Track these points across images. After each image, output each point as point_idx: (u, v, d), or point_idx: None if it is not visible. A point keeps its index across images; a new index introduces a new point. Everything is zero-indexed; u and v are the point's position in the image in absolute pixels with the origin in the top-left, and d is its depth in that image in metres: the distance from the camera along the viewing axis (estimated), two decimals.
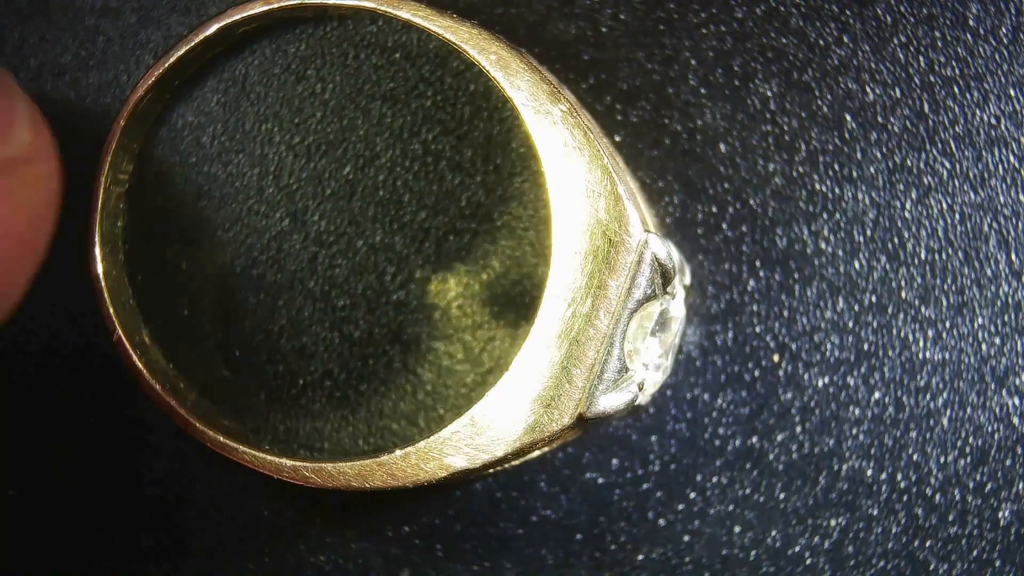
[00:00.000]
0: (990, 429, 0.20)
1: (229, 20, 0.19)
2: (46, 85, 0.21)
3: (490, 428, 0.17)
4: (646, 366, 0.17)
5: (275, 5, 0.19)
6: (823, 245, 0.20)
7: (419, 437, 0.17)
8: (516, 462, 0.18)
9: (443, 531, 0.21)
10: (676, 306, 0.18)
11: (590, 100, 0.20)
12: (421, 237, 0.20)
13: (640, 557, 0.20)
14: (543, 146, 0.17)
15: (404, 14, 0.18)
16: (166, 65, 0.19)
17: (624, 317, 0.17)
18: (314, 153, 0.20)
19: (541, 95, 0.17)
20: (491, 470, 0.17)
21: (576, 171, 0.17)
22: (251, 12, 0.19)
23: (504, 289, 0.20)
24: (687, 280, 0.19)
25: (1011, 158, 0.20)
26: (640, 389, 0.17)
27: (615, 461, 0.20)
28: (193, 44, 0.19)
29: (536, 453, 0.18)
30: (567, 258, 0.17)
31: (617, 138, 0.20)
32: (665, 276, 0.17)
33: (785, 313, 0.20)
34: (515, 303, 0.20)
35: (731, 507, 0.20)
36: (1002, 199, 0.20)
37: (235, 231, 0.21)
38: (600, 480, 0.21)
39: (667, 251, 0.17)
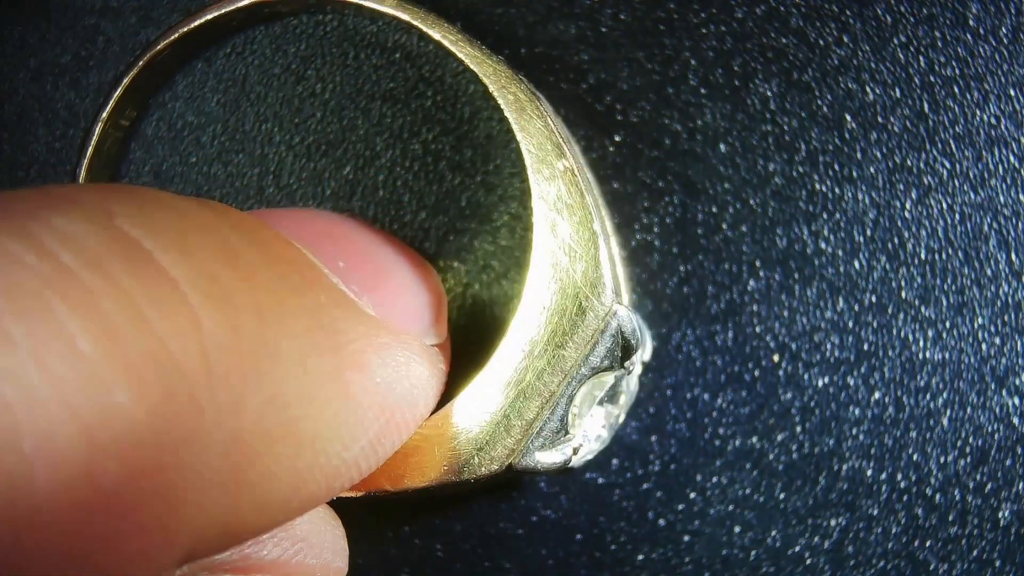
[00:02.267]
0: (990, 429, 0.20)
1: None
2: (46, 85, 0.21)
3: (413, 458, 0.17)
4: (586, 433, 0.18)
5: None
6: (823, 245, 0.20)
7: None
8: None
9: (443, 531, 0.21)
10: (631, 381, 0.18)
11: (590, 100, 0.20)
12: (421, 237, 0.20)
13: (640, 557, 0.20)
14: (537, 198, 0.17)
15: (436, 35, 0.18)
16: (194, 24, 0.19)
17: (576, 381, 0.17)
18: (314, 153, 0.20)
19: (547, 145, 0.17)
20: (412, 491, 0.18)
21: (563, 230, 0.17)
22: None
23: (487, 298, 0.20)
24: (647, 356, 0.20)
25: (1011, 158, 0.20)
26: (574, 453, 0.18)
27: (615, 461, 0.20)
28: (227, 11, 0.19)
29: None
30: (533, 311, 0.17)
31: (617, 138, 0.20)
32: (626, 350, 0.17)
33: (785, 313, 0.20)
34: (488, 320, 0.20)
35: (731, 507, 0.20)
36: (1002, 199, 0.20)
37: None
38: (600, 480, 0.21)
39: (633, 326, 0.17)
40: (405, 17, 0.18)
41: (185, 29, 0.19)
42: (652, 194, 0.20)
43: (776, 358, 0.20)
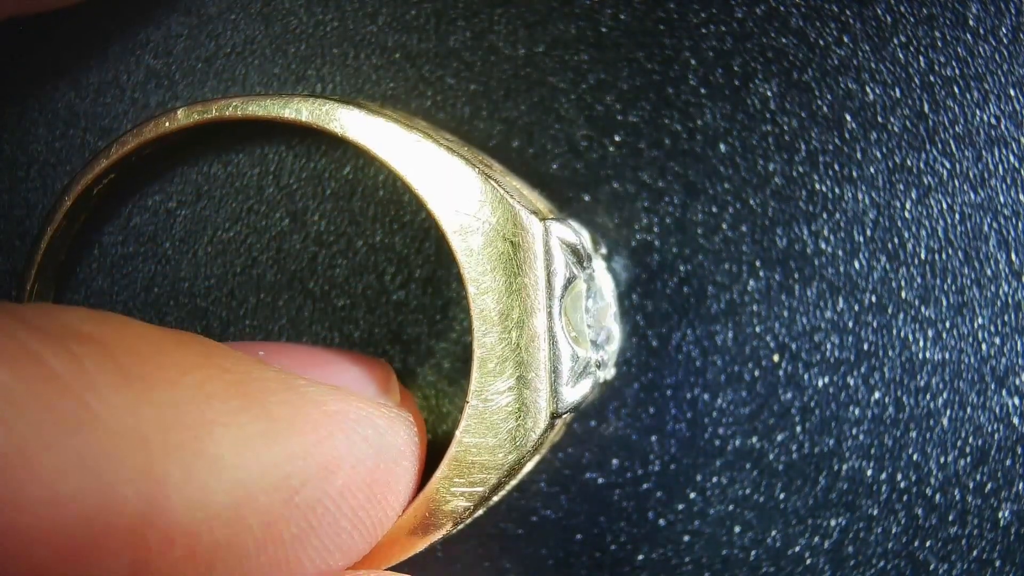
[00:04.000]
0: (990, 429, 0.20)
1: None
2: (46, 85, 0.21)
3: (474, 461, 0.17)
4: (595, 343, 0.17)
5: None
6: (823, 245, 0.20)
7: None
8: (514, 482, 0.18)
9: None
10: (600, 275, 0.18)
11: (590, 100, 0.20)
12: (421, 237, 0.20)
13: (640, 557, 0.20)
14: (413, 175, 0.17)
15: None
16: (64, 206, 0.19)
17: (555, 307, 0.17)
18: (314, 153, 0.20)
19: (396, 126, 0.17)
20: (494, 497, 0.17)
21: (452, 187, 0.17)
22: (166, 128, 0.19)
23: None
24: (602, 249, 0.19)
25: (1011, 158, 0.20)
26: (599, 367, 0.17)
27: (615, 461, 0.20)
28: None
29: (529, 466, 0.18)
30: (477, 275, 0.17)
31: (617, 138, 0.20)
32: (577, 255, 0.17)
33: (785, 313, 0.20)
34: None
35: (731, 507, 0.20)
36: (1002, 199, 0.20)
37: (235, 231, 0.21)
38: (600, 480, 0.21)
39: (571, 230, 0.17)
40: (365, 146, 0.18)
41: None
42: (652, 194, 0.20)
43: (776, 358, 0.20)
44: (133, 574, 0.12)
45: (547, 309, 0.17)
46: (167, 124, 0.18)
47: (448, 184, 0.17)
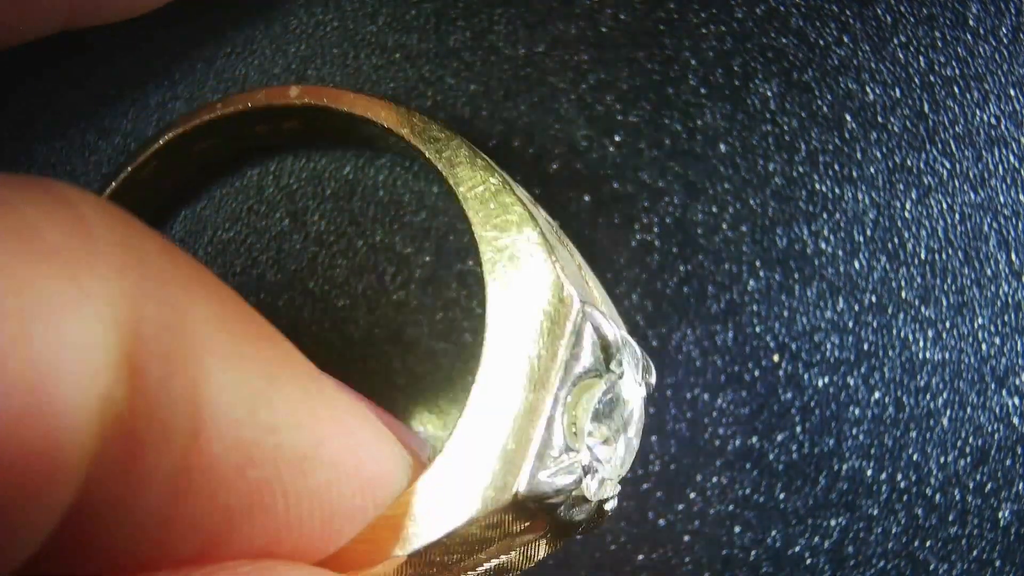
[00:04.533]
0: (990, 429, 0.20)
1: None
2: (47, 85, 0.21)
3: (428, 512, 0.15)
4: (591, 450, 0.16)
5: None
6: (823, 245, 0.20)
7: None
8: (471, 568, 0.16)
9: None
10: (629, 390, 0.17)
11: (590, 100, 0.20)
12: (421, 237, 0.20)
13: (640, 557, 0.20)
14: (477, 218, 0.17)
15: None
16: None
17: (563, 393, 0.16)
18: (314, 153, 0.20)
19: (476, 167, 0.17)
20: (442, 571, 0.16)
21: (509, 241, 0.16)
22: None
23: None
24: (651, 379, 0.18)
25: (1011, 158, 0.20)
26: (586, 474, 0.16)
27: None
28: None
29: (494, 562, 0.16)
30: (498, 329, 0.16)
31: (617, 138, 0.20)
32: (606, 350, 0.16)
33: (785, 313, 0.20)
34: None
35: (731, 507, 0.20)
36: (1002, 199, 0.20)
37: (235, 231, 0.21)
38: None
39: (609, 324, 0.16)
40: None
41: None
42: (652, 194, 0.20)
43: (776, 358, 0.20)
44: (84, 490, 0.11)
45: (555, 391, 0.15)
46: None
47: (506, 236, 0.16)
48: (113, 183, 0.19)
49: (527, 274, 0.16)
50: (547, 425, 0.15)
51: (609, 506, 0.17)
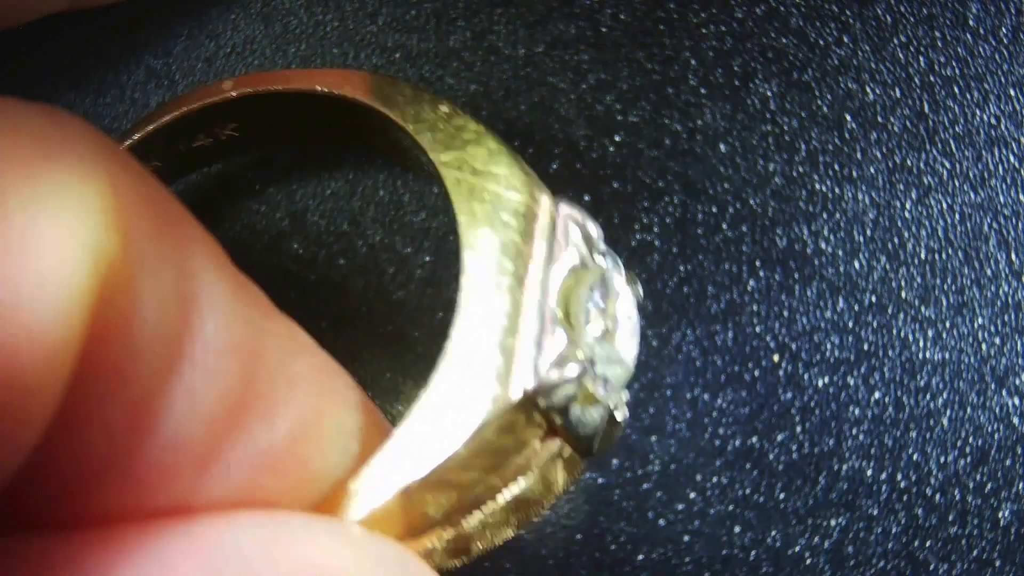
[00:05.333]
0: (990, 429, 0.20)
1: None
2: (46, 85, 0.21)
3: (434, 435, 0.14)
4: (589, 344, 0.16)
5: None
6: (823, 245, 0.20)
7: None
8: (497, 505, 0.15)
9: None
10: (619, 283, 0.16)
11: (590, 100, 0.20)
12: (421, 237, 0.20)
13: (640, 557, 0.20)
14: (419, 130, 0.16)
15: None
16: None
17: (553, 286, 0.15)
18: (314, 153, 0.21)
19: (423, 101, 0.17)
20: (474, 489, 0.15)
21: (468, 155, 0.16)
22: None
23: None
24: (639, 290, 0.17)
25: (1011, 158, 0.20)
26: (592, 365, 0.15)
27: (615, 461, 0.20)
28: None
29: (522, 483, 0.15)
30: (473, 235, 0.15)
31: (617, 138, 0.20)
32: (588, 242, 0.16)
33: (785, 313, 0.20)
34: None
35: (731, 507, 0.20)
36: (1002, 199, 0.20)
37: (235, 231, 0.21)
38: (600, 480, 0.21)
39: (588, 219, 0.16)
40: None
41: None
42: (652, 194, 0.20)
43: (776, 358, 0.20)
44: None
45: (543, 283, 0.15)
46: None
47: (458, 140, 0.16)
48: None
49: (495, 181, 0.16)
50: (540, 318, 0.15)
51: (620, 415, 0.16)
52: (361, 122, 0.18)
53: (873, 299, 0.20)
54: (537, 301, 0.15)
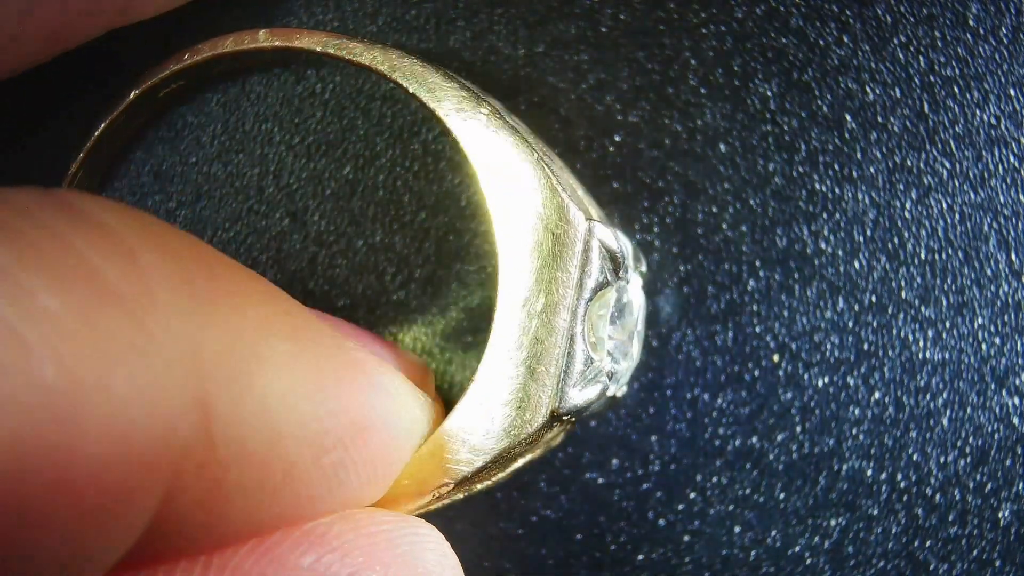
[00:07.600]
0: (990, 429, 0.20)
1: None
2: (46, 85, 0.21)
3: (465, 440, 0.17)
4: (611, 355, 0.17)
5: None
6: (823, 245, 0.20)
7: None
8: (503, 474, 0.18)
9: (443, 531, 0.21)
10: (633, 291, 0.18)
11: (590, 100, 0.20)
12: (421, 237, 0.20)
13: (640, 557, 0.20)
14: (472, 148, 0.17)
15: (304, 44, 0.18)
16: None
17: (581, 309, 0.17)
18: (314, 153, 0.20)
19: (464, 101, 0.17)
20: (479, 484, 0.17)
21: (508, 169, 0.17)
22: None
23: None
24: (643, 267, 0.19)
25: (1011, 158, 0.20)
26: (610, 379, 0.17)
27: (615, 461, 0.20)
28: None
29: (521, 462, 0.18)
30: (512, 257, 0.17)
31: (617, 138, 0.20)
32: (614, 262, 0.17)
33: (785, 313, 0.20)
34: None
35: (731, 507, 0.20)
36: (1002, 199, 0.20)
37: (235, 231, 0.21)
38: (600, 480, 0.21)
39: (613, 236, 0.17)
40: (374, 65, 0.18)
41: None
42: (652, 194, 0.20)
43: (776, 358, 0.20)
44: (163, 504, 0.12)
45: (572, 308, 0.17)
46: (246, 42, 0.18)
47: (503, 163, 0.17)
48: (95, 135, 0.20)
49: (529, 200, 0.17)
50: (570, 342, 0.17)
51: (620, 393, 0.18)
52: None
53: (873, 299, 0.20)
54: (566, 326, 0.17)
